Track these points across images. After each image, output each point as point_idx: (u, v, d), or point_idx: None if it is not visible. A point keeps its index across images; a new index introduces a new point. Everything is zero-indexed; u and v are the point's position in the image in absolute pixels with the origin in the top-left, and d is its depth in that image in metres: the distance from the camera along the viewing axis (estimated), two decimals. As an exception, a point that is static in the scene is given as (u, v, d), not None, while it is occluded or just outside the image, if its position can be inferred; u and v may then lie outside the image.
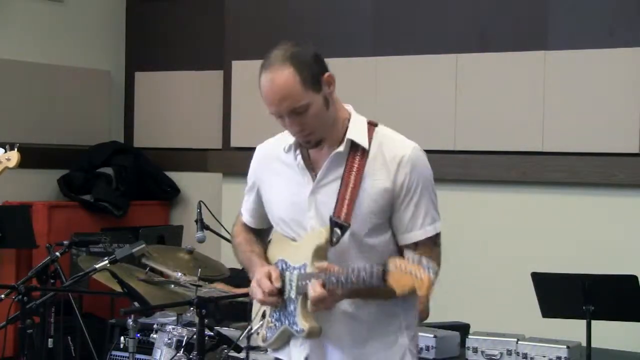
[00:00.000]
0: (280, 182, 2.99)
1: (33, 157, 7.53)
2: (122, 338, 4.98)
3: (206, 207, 5.28)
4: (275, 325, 2.96)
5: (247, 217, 3.18)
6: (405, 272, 2.60)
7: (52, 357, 4.51)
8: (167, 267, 4.71)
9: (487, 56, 6.42)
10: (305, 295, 2.83)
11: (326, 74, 2.86)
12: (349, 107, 2.98)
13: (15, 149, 4.36)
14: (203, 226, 5.20)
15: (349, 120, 2.93)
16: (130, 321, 4.54)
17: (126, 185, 7.92)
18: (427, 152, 2.99)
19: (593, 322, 4.80)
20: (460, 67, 6.45)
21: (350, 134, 2.90)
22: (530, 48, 6.26)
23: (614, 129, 6.00)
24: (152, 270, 4.67)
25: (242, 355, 4.45)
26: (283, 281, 2.91)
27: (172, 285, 4.41)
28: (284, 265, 2.95)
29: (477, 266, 6.33)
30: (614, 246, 5.98)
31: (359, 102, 3.11)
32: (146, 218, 7.93)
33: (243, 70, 7.34)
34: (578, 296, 4.79)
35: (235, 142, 7.39)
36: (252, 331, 3.06)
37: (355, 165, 2.87)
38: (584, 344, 4.85)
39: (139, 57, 8.42)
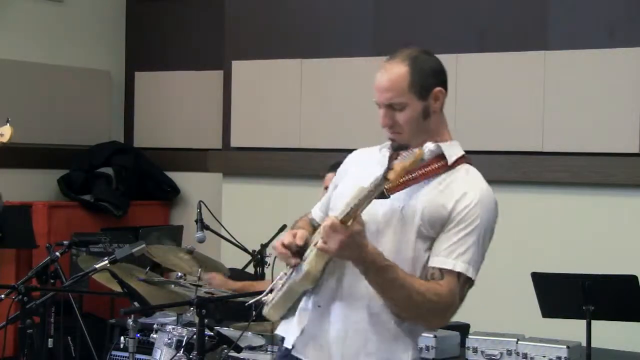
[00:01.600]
0: (357, 170, 3.00)
1: (33, 157, 7.56)
2: (122, 338, 4.97)
3: (206, 207, 5.28)
4: (282, 285, 2.89)
5: (316, 211, 3.15)
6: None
7: (52, 357, 4.50)
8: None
9: (487, 56, 6.42)
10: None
11: (437, 88, 2.94)
12: (456, 142, 3.01)
13: (8, 124, 4.29)
14: (203, 226, 5.20)
15: (447, 142, 2.96)
16: (130, 321, 4.53)
17: (126, 185, 7.92)
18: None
19: (593, 322, 4.79)
20: (460, 67, 6.44)
21: (441, 144, 2.92)
22: (530, 48, 6.27)
23: (614, 129, 6.00)
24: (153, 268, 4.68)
25: (242, 355, 4.45)
26: (306, 246, 2.86)
27: (172, 285, 4.40)
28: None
29: (477, 266, 6.32)
30: (614, 246, 5.98)
31: (359, 102, 3.12)
32: (146, 218, 7.92)
33: (243, 70, 7.35)
34: (578, 296, 4.78)
35: (235, 142, 7.40)
36: (261, 297, 2.99)
37: (429, 169, 2.88)
38: (584, 344, 4.85)
39: (139, 57, 8.41)
